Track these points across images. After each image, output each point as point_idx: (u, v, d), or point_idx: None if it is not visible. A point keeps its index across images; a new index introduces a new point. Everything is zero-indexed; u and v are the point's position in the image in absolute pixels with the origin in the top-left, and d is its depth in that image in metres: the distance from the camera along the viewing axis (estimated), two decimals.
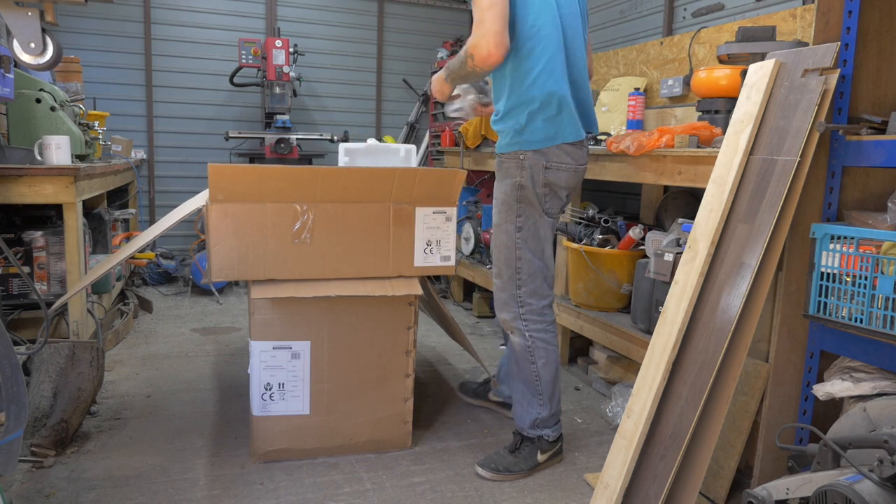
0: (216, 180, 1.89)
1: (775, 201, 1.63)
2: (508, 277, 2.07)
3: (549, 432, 2.13)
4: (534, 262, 2.05)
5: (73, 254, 2.71)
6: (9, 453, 1.37)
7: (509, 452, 2.12)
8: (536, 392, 2.10)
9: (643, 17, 3.86)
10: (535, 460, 2.11)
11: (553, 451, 2.15)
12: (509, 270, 2.07)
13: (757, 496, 1.47)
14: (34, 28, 1.78)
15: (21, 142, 2.78)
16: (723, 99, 2.43)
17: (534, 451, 2.12)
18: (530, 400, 2.12)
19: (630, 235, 2.76)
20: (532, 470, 2.11)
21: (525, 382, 2.12)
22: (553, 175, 2.01)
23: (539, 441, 2.13)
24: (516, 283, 2.06)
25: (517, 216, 2.03)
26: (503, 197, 2.05)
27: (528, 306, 2.07)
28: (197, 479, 2.01)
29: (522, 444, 2.13)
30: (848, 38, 1.68)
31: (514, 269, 2.05)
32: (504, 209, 2.05)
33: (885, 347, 1.54)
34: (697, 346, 1.67)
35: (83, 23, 4.62)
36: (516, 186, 2.01)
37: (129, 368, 2.94)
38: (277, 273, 2.00)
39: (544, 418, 2.12)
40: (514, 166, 2.01)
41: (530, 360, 2.09)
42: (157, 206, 4.94)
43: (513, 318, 2.09)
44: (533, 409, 2.11)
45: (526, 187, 2.00)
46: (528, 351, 2.08)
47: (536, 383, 2.10)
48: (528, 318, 2.08)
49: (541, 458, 2.12)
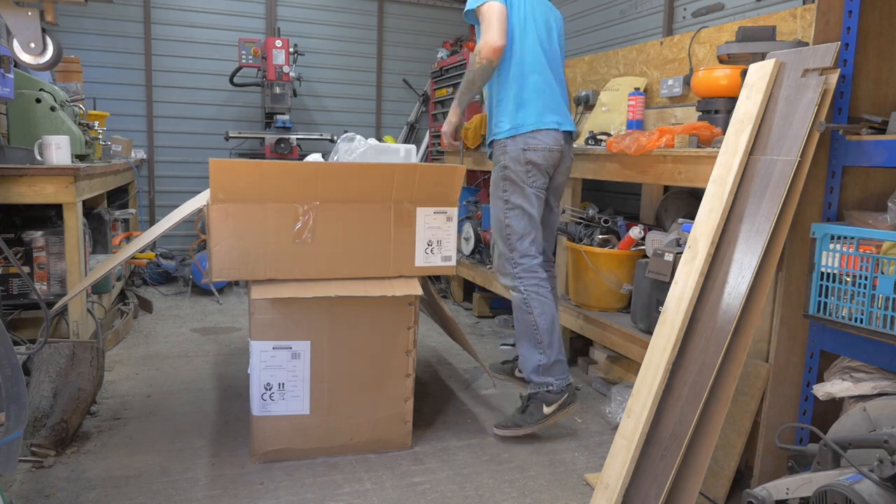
0: (217, 176, 1.89)
1: (775, 201, 1.63)
2: (504, 244, 2.39)
3: (554, 380, 2.30)
4: (521, 227, 2.36)
5: (73, 254, 2.71)
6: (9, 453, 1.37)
7: (519, 412, 2.32)
8: (536, 341, 2.31)
9: (643, 17, 3.86)
10: (542, 413, 2.29)
11: (560, 402, 2.30)
12: (502, 238, 2.39)
13: (757, 496, 1.47)
14: (34, 28, 1.78)
15: (21, 142, 2.78)
16: (723, 99, 2.43)
17: (539, 406, 2.29)
18: (532, 350, 2.32)
19: (630, 235, 2.76)
20: (540, 422, 2.28)
21: (526, 335, 2.34)
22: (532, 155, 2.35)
23: (544, 394, 2.29)
24: (509, 247, 2.37)
25: (504, 191, 2.37)
26: (493, 177, 2.43)
27: (521, 265, 2.36)
28: (197, 479, 2.01)
29: (529, 400, 2.31)
30: (848, 37, 1.68)
31: (505, 235, 2.38)
32: (495, 188, 2.41)
33: (885, 347, 1.54)
34: (697, 346, 1.67)
35: (83, 23, 4.62)
36: (502, 167, 2.37)
37: (129, 368, 2.94)
38: (278, 273, 2.00)
39: (546, 365, 2.30)
40: (499, 152, 2.39)
41: (527, 311, 2.33)
42: (157, 206, 4.94)
43: (510, 279, 2.37)
44: (534, 356, 2.32)
45: (509, 167, 2.35)
46: (524, 303, 2.33)
47: (535, 332, 2.31)
48: (523, 276, 2.35)
49: (547, 410, 2.29)
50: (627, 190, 3.81)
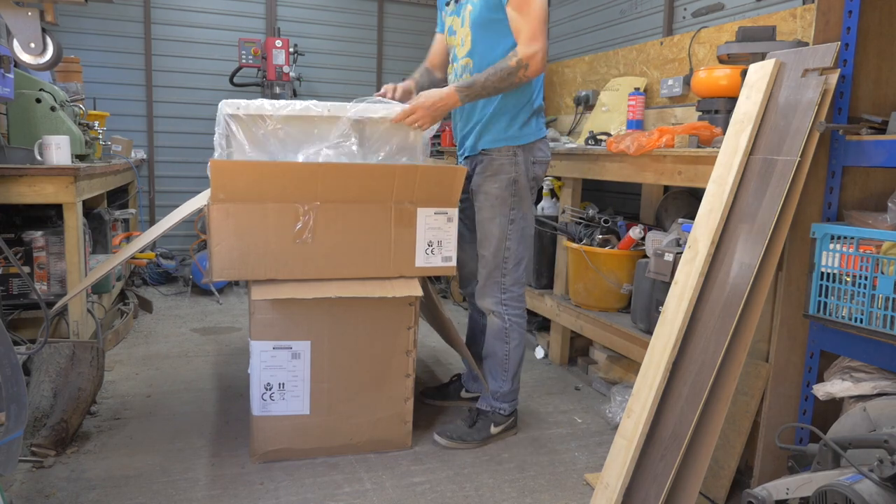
0: (218, 176, 1.89)
1: (775, 201, 1.63)
2: (495, 266, 2.23)
3: (506, 406, 2.32)
4: (521, 251, 2.23)
5: (73, 254, 2.71)
6: (9, 453, 1.37)
7: (466, 425, 2.29)
8: (503, 369, 2.29)
9: (643, 17, 3.86)
10: (488, 432, 2.29)
11: (506, 424, 2.33)
12: (496, 260, 2.22)
13: (757, 496, 1.47)
14: (34, 28, 1.78)
15: (21, 142, 2.78)
16: (723, 99, 2.43)
17: (487, 424, 2.29)
18: (496, 374, 2.30)
19: (630, 235, 2.76)
20: (484, 441, 2.28)
21: (495, 361, 2.30)
22: (538, 169, 2.22)
23: (493, 414, 2.30)
24: (501, 271, 2.23)
25: (511, 209, 2.18)
26: (497, 192, 2.18)
27: (510, 293, 2.25)
28: (197, 479, 2.01)
29: (479, 416, 2.31)
30: (848, 37, 1.68)
31: (501, 259, 2.22)
32: (497, 203, 2.18)
33: (885, 347, 1.54)
34: (697, 346, 1.67)
35: (83, 23, 4.61)
36: (510, 182, 2.17)
37: (129, 368, 2.94)
38: (279, 273, 2.00)
39: (504, 392, 2.30)
40: (507, 162, 2.16)
41: (504, 341, 2.27)
42: (157, 206, 4.94)
43: (494, 304, 2.26)
44: (496, 382, 2.30)
45: (519, 182, 2.17)
46: (504, 332, 2.27)
47: (505, 361, 2.29)
48: (508, 304, 2.26)
49: (494, 430, 2.30)
50: (627, 190, 3.81)
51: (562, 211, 3.12)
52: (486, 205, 2.21)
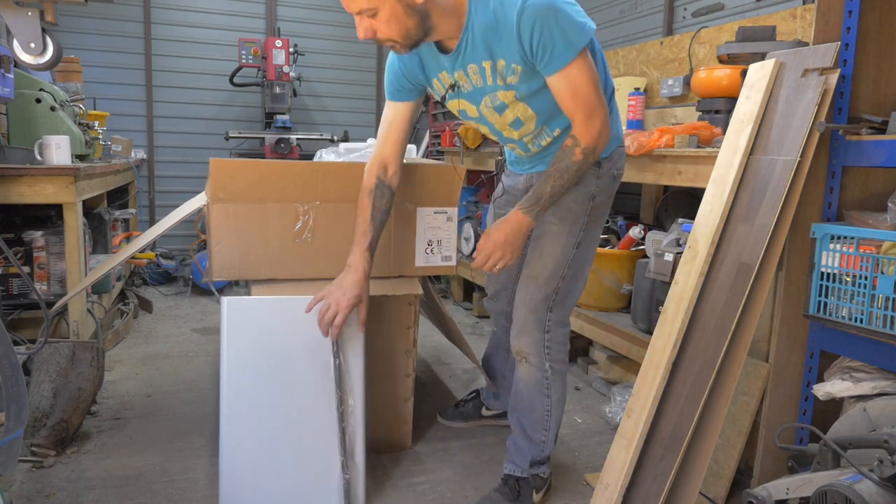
0: (218, 175, 1.88)
1: (775, 201, 1.63)
2: (543, 299, 1.78)
3: (546, 469, 1.94)
4: (575, 283, 1.83)
5: (73, 254, 2.71)
6: (9, 453, 1.37)
7: (507, 499, 1.88)
8: (542, 429, 1.88)
9: (643, 17, 3.86)
10: (531, 501, 1.91)
11: (546, 486, 1.96)
12: (547, 290, 1.78)
13: (757, 496, 1.47)
14: (34, 28, 1.78)
15: (21, 142, 2.78)
16: (723, 99, 2.43)
17: (529, 492, 1.91)
18: (533, 437, 1.89)
19: (630, 235, 2.76)
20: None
21: (532, 418, 1.88)
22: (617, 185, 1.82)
23: (534, 479, 1.92)
24: (548, 305, 1.79)
25: (581, 230, 1.77)
26: (568, 204, 1.75)
27: (553, 333, 1.83)
28: (197, 479, 2.01)
29: (519, 485, 1.91)
30: (848, 37, 1.68)
31: (553, 288, 1.78)
32: (567, 217, 1.76)
33: (885, 347, 1.54)
34: (697, 346, 1.67)
35: (83, 23, 4.62)
36: (589, 196, 1.76)
37: (129, 368, 2.94)
38: (278, 272, 2.00)
39: (545, 457, 1.92)
40: (590, 173, 1.74)
41: (545, 394, 1.85)
42: (157, 206, 4.94)
43: (533, 346, 1.81)
44: (535, 447, 1.90)
45: (598, 198, 1.78)
46: (545, 384, 1.84)
47: (546, 419, 1.87)
48: (552, 347, 1.83)
49: (536, 497, 1.92)
50: (627, 190, 3.81)
51: None
52: (552, 218, 1.76)
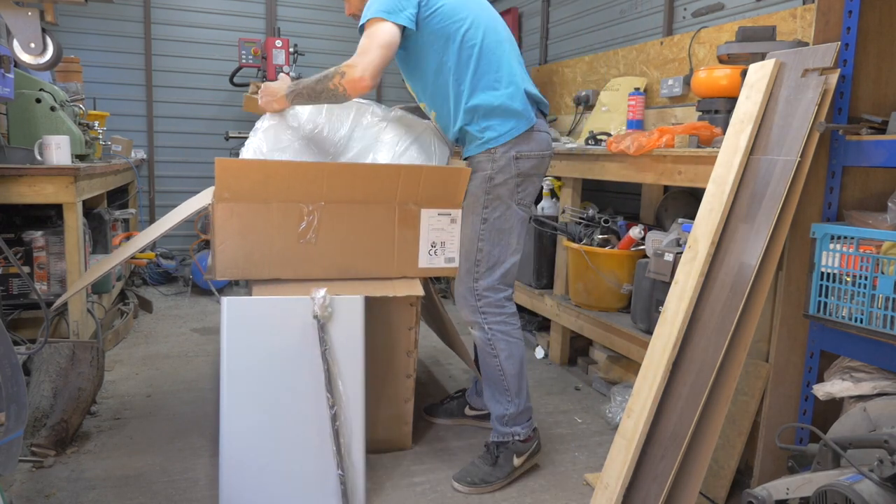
0: (223, 175, 1.88)
1: (775, 201, 1.63)
2: (466, 270, 2.05)
3: (520, 430, 2.07)
4: (497, 255, 2.03)
5: (73, 254, 2.71)
6: (9, 453, 1.37)
7: (487, 464, 2.05)
8: (502, 388, 2.06)
9: (643, 17, 3.86)
10: (511, 465, 2.05)
11: (529, 451, 2.08)
12: (468, 263, 2.05)
13: (757, 496, 1.47)
14: (34, 28, 1.78)
15: (21, 142, 2.78)
16: (723, 99, 2.43)
17: (509, 456, 2.05)
18: (498, 397, 2.07)
19: (630, 235, 2.76)
20: (509, 476, 2.05)
21: (492, 379, 2.08)
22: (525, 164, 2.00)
23: (512, 444, 2.06)
24: (473, 277, 2.04)
25: (483, 207, 2.01)
26: (472, 189, 2.04)
27: (486, 299, 2.04)
28: (197, 479, 2.01)
29: (498, 450, 2.06)
30: (848, 37, 1.68)
31: (473, 262, 2.04)
32: (471, 200, 2.04)
33: (885, 347, 1.54)
34: (697, 346, 1.67)
35: (83, 23, 4.61)
36: (486, 179, 2.00)
37: (129, 368, 2.94)
38: (282, 273, 1.99)
39: (511, 415, 2.06)
40: (484, 159, 2.00)
41: (492, 354, 2.05)
42: (157, 206, 4.94)
43: (471, 312, 2.05)
44: (501, 405, 2.07)
45: (495, 179, 2.00)
46: (488, 344, 2.05)
47: (501, 378, 2.05)
48: (487, 311, 2.04)
49: (517, 461, 2.06)
50: (627, 190, 3.81)
51: (562, 211, 3.12)
52: (464, 203, 2.09)
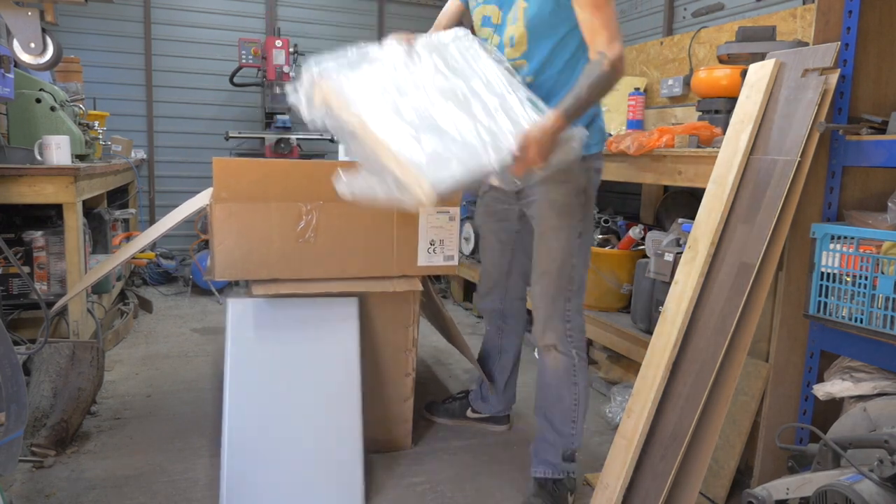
0: (221, 175, 1.88)
1: (775, 201, 1.63)
2: (558, 290, 1.82)
3: (575, 466, 1.92)
4: (584, 275, 1.87)
5: (73, 254, 2.71)
6: (9, 453, 1.37)
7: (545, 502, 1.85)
8: (571, 420, 1.87)
9: (643, 17, 3.86)
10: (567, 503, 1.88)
11: (574, 486, 1.94)
12: (561, 281, 1.81)
13: (757, 496, 1.47)
14: (34, 28, 1.78)
15: (21, 142, 2.78)
16: (723, 99, 2.43)
17: (565, 495, 1.87)
18: (562, 429, 1.88)
19: (630, 235, 2.76)
20: None
21: (560, 410, 1.88)
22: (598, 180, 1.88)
23: (569, 481, 1.89)
24: (566, 296, 1.83)
25: (580, 221, 1.81)
26: (564, 199, 1.80)
27: (574, 322, 1.86)
28: (197, 479, 2.01)
29: (555, 488, 1.88)
30: (848, 37, 1.68)
31: (567, 279, 1.81)
32: (565, 211, 1.80)
33: (886, 347, 1.54)
34: (697, 346, 1.67)
35: (83, 23, 4.61)
36: (581, 190, 1.80)
37: (129, 368, 2.94)
38: (281, 272, 1.99)
39: (573, 452, 1.90)
40: (578, 168, 1.76)
41: (572, 382, 1.86)
42: (157, 206, 4.94)
43: (558, 338, 1.85)
44: (564, 440, 1.88)
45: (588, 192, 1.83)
46: (571, 372, 1.86)
47: (574, 409, 1.87)
48: (573, 335, 1.86)
49: (570, 500, 1.89)
50: (627, 190, 3.81)
51: None
52: (550, 214, 1.81)
